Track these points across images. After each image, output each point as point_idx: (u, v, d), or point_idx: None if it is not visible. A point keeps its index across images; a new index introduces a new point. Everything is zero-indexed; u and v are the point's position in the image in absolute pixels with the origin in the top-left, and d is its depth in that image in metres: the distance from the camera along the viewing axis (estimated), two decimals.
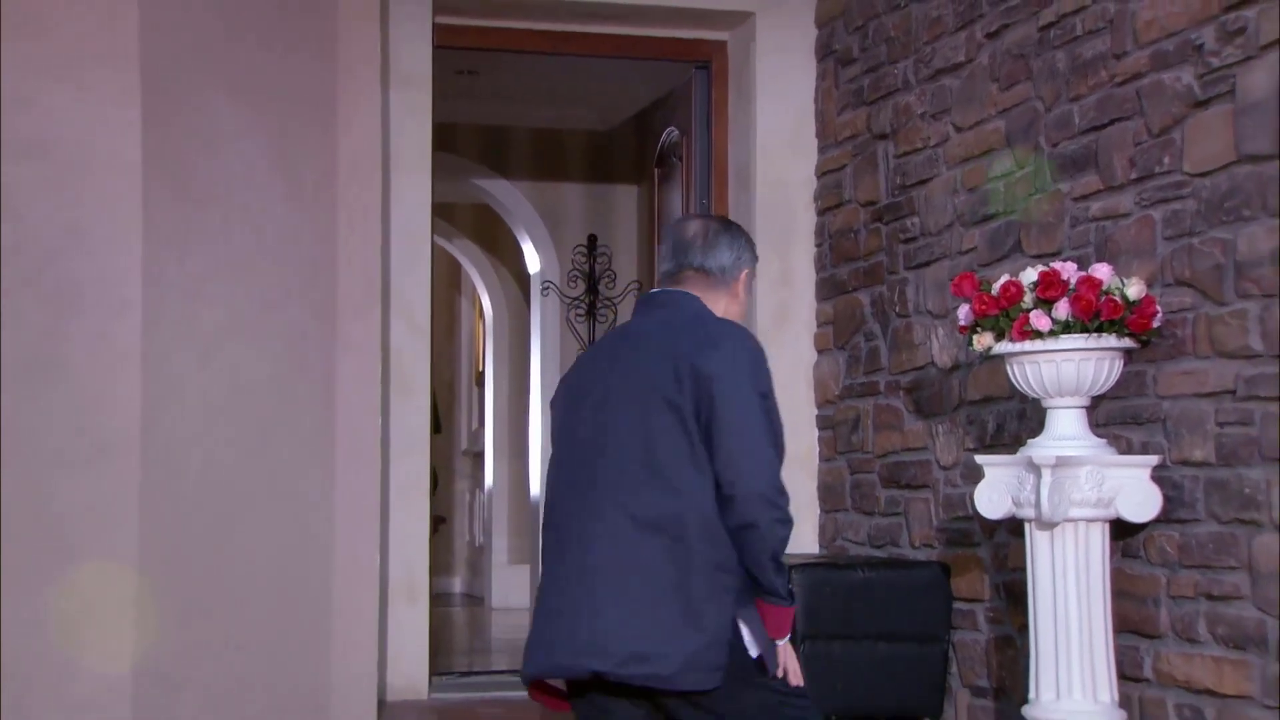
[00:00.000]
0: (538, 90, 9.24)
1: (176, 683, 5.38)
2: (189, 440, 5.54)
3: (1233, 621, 4.58)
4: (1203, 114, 4.72)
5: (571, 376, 3.84)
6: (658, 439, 3.54)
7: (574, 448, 3.66)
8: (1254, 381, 4.52)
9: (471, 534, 12.09)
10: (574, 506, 3.60)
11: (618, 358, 3.71)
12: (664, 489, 3.52)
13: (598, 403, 3.63)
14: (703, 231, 3.80)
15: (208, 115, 5.69)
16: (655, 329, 3.70)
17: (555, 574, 3.57)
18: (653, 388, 3.57)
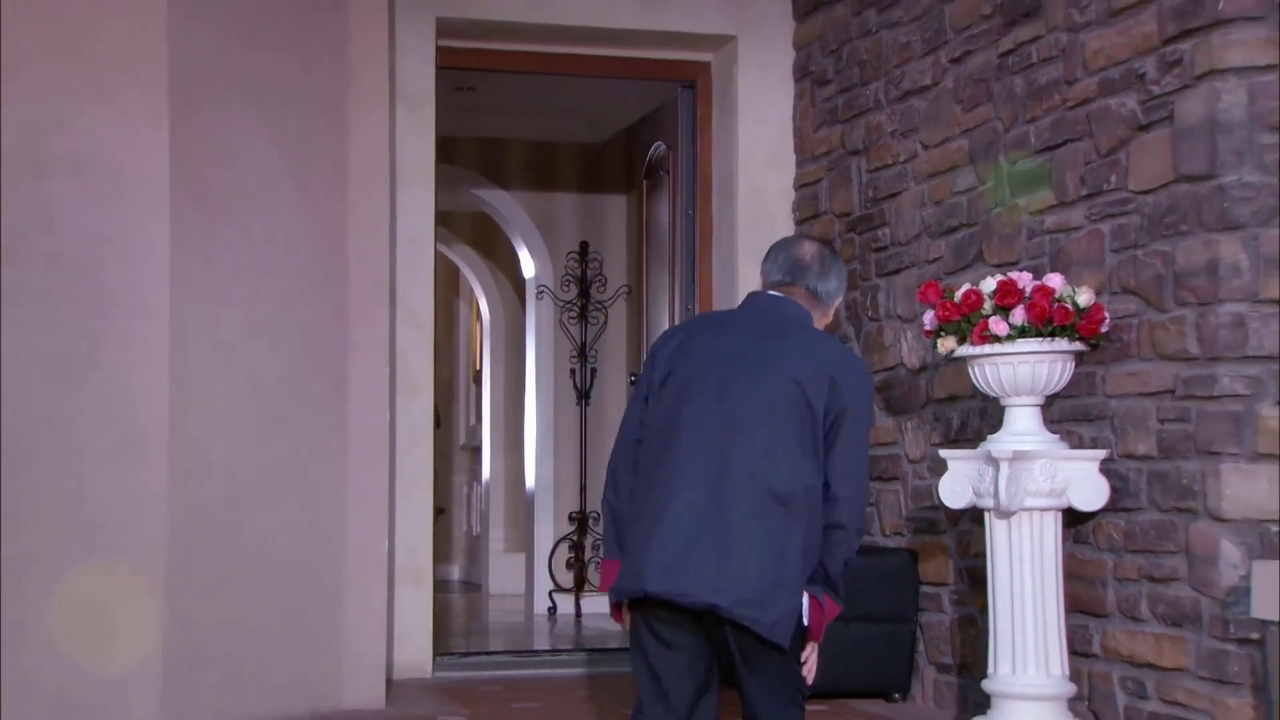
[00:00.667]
0: (533, 105, 9.18)
1: (200, 659, 5.48)
2: (212, 434, 5.64)
3: (1171, 601, 4.75)
4: (1145, 137, 4.89)
5: (699, 337, 3.99)
6: (793, 426, 3.77)
7: (703, 405, 3.82)
8: (1190, 382, 4.70)
9: (469, 524, 11.94)
10: (704, 460, 3.78)
11: (755, 339, 3.92)
12: (793, 470, 3.74)
13: (734, 372, 3.83)
14: (819, 257, 4.04)
15: (229, 133, 5.76)
16: (794, 330, 3.95)
17: (664, 509, 3.76)
18: (796, 381, 3.80)
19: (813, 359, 3.85)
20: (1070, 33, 5.24)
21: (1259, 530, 4.51)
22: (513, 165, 10.30)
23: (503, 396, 11.11)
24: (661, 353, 4.00)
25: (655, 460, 3.87)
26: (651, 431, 3.91)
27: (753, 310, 4.05)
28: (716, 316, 4.29)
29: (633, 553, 3.82)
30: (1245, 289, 4.57)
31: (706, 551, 3.72)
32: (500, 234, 10.74)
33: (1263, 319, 4.55)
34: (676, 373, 3.94)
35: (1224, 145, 4.58)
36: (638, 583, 3.72)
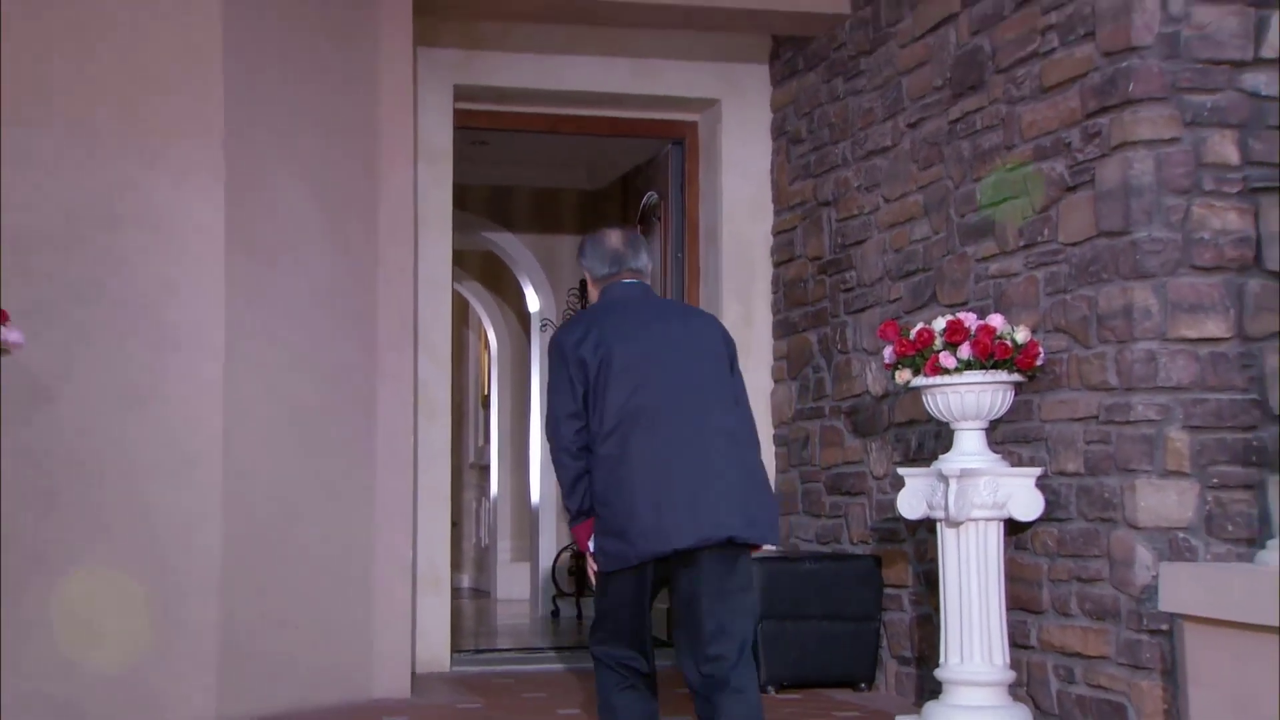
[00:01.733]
0: (538, 157, 9.30)
1: (250, 653, 5.63)
2: (259, 455, 5.77)
3: (1095, 599, 4.97)
4: (1072, 197, 5.12)
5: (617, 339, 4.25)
6: (722, 381, 4.30)
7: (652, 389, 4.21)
8: (1111, 409, 4.92)
9: (478, 536, 11.94)
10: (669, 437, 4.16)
11: (658, 322, 4.32)
12: (734, 415, 4.26)
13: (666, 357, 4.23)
14: (626, 239, 4.45)
15: (275, 191, 5.91)
16: (676, 309, 4.52)
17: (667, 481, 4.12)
18: (711, 347, 4.32)
19: (704, 326, 4.38)
20: (1008, 105, 5.45)
21: (1168, 536, 4.75)
22: (519, 210, 10.37)
23: (509, 419, 11.16)
24: (578, 349, 4.22)
25: (621, 449, 4.15)
26: (606, 426, 4.18)
27: (632, 300, 4.37)
28: (614, 314, 4.37)
29: (635, 524, 4.12)
30: (1155, 329, 4.79)
31: (709, 503, 4.12)
32: (507, 272, 10.81)
33: (1170, 355, 4.77)
34: (611, 367, 4.21)
35: (1136, 206, 4.81)
36: (666, 544, 4.07)
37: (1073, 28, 5.09)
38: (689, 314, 4.48)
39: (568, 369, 4.21)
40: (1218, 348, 4.81)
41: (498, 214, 10.29)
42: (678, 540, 4.06)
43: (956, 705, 5.12)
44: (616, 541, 4.14)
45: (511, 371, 11.23)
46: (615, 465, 4.16)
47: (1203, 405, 4.80)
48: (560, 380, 4.23)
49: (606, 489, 4.15)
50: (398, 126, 6.42)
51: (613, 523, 4.14)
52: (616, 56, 7.31)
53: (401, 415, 6.33)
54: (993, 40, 5.57)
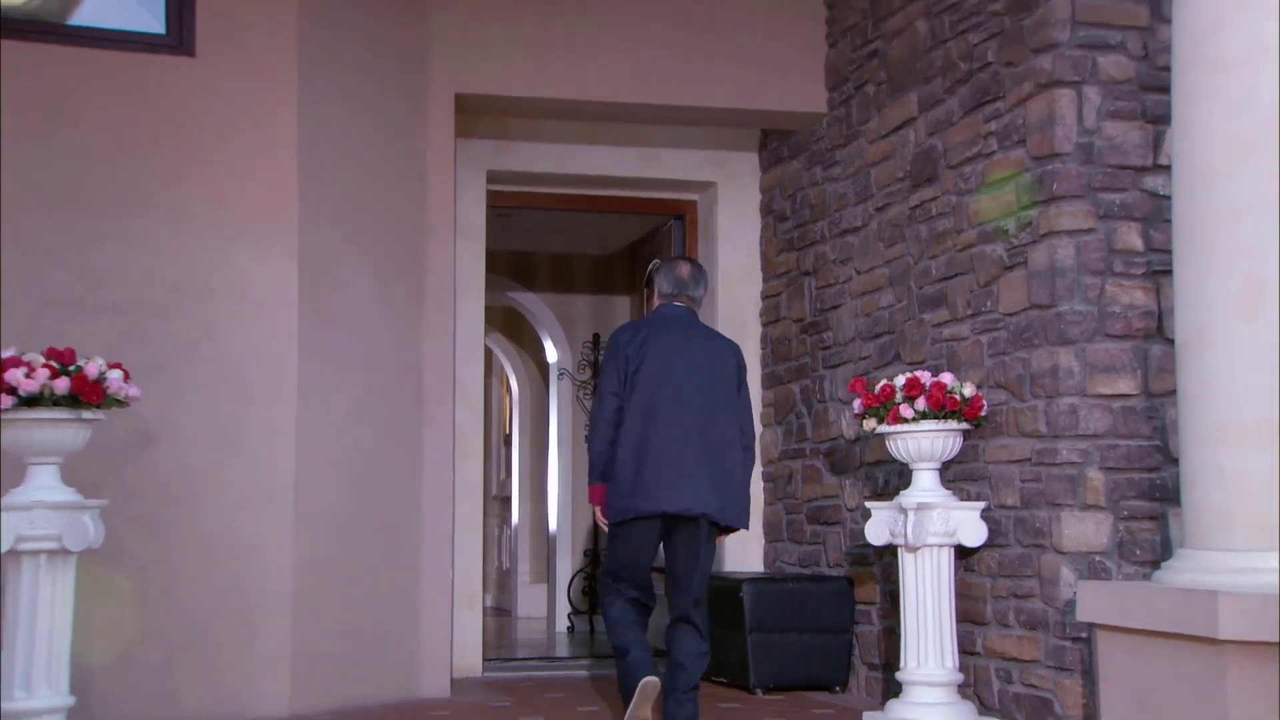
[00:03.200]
0: (556, 227, 9.44)
1: (317, 657, 5.82)
2: (325, 489, 5.96)
3: (1029, 612, 5.19)
4: (1009, 275, 5.36)
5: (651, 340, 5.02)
6: (725, 395, 5.00)
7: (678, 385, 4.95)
8: (1042, 453, 5.15)
9: (500, 560, 11.93)
10: (680, 420, 4.90)
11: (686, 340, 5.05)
12: (728, 423, 4.96)
13: (692, 365, 4.98)
14: (693, 275, 5.23)
15: (340, 267, 6.10)
16: (702, 329, 5.19)
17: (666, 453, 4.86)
18: (723, 366, 5.03)
19: (723, 349, 5.08)
20: (958, 196, 5.72)
21: (1087, 559, 5.00)
22: (539, 272, 10.51)
23: (529, 456, 11.22)
24: (629, 343, 5.01)
25: (642, 426, 4.91)
26: (634, 407, 4.93)
27: (677, 319, 5.13)
28: (661, 323, 5.12)
29: (638, 485, 4.85)
30: (1076, 387, 5.03)
31: (696, 482, 4.84)
32: (528, 326, 10.92)
33: (1089, 408, 5.01)
34: (650, 359, 4.96)
35: (1060, 284, 5.07)
36: (653, 505, 4.77)
37: (1008, 135, 5.38)
38: (713, 337, 5.16)
39: (616, 359, 5.00)
40: (1127, 402, 5.03)
41: (520, 276, 10.39)
42: (666, 505, 4.82)
43: (914, 703, 5.26)
44: (621, 499, 4.87)
45: (531, 414, 11.26)
46: (632, 441, 4.90)
47: (1115, 450, 5.01)
48: (610, 366, 5.01)
49: (623, 458, 4.89)
50: (441, 209, 6.58)
51: (622, 485, 4.88)
52: (627, 146, 7.44)
53: (443, 456, 6.50)
54: (944, 141, 5.83)
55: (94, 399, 4.59)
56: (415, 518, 6.44)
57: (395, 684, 6.26)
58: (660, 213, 7.96)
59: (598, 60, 6.73)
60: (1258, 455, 4.26)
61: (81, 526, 4.58)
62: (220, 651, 5.68)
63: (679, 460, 4.85)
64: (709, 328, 5.27)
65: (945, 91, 5.87)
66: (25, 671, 4.50)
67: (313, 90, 5.97)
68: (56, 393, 4.53)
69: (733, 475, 4.95)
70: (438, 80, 6.59)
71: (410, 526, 6.42)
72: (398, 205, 6.47)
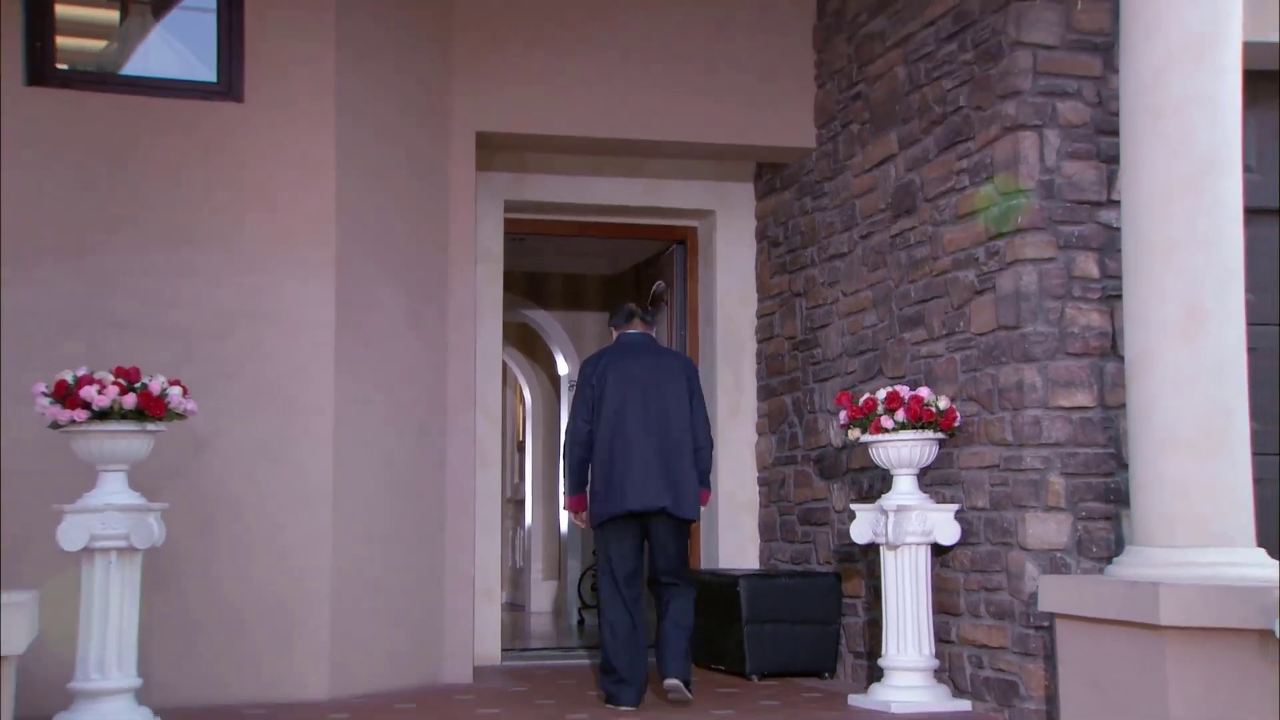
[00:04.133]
0: (567, 250, 9.52)
1: (354, 644, 5.93)
2: (359, 494, 6.08)
3: (998, 603, 5.36)
4: (980, 298, 5.53)
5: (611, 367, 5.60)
6: (681, 406, 5.52)
7: (635, 403, 5.50)
8: (1008, 460, 5.32)
9: (513, 559, 11.94)
10: (639, 433, 5.45)
11: (643, 364, 5.60)
12: (683, 430, 5.48)
13: (636, 385, 5.52)
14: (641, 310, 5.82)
15: (372, 291, 6.23)
16: (659, 351, 5.75)
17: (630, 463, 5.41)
18: (676, 382, 5.55)
19: (674, 365, 5.61)
20: (934, 226, 5.89)
21: (1049, 556, 5.16)
22: (551, 291, 10.61)
23: (540, 462, 11.33)
24: (592, 374, 5.59)
25: (610, 438, 5.47)
26: (603, 421, 5.50)
27: (637, 345, 5.70)
28: (619, 350, 5.74)
29: (610, 490, 5.39)
30: (1039, 400, 5.19)
31: (654, 483, 5.36)
32: (540, 341, 11.03)
33: (1051, 420, 5.18)
34: (610, 385, 5.54)
35: (1025, 308, 5.24)
36: (622, 505, 5.25)
37: (978, 172, 5.58)
38: (664, 355, 5.71)
39: (583, 388, 5.56)
40: (1085, 414, 5.19)
41: (534, 295, 10.46)
42: (632, 505, 5.36)
43: (894, 686, 5.47)
44: (599, 504, 5.43)
45: (543, 422, 11.35)
46: (602, 455, 5.46)
47: (1074, 457, 5.18)
48: (580, 392, 5.57)
49: (597, 469, 5.45)
50: (462, 236, 6.71)
51: (598, 492, 5.43)
52: (633, 177, 7.53)
53: (465, 464, 6.63)
54: (921, 176, 6.01)
55: (157, 413, 4.89)
56: (439, 520, 6.57)
57: (422, 671, 6.38)
58: (663, 238, 8.03)
59: (606, 100, 6.87)
60: (1196, 464, 4.53)
61: (147, 527, 4.88)
62: (266, 641, 5.82)
63: (642, 466, 5.45)
64: (662, 346, 5.87)
65: (922, 131, 6.05)
66: (99, 656, 4.80)
67: (348, 132, 6.14)
68: (125, 407, 4.83)
69: (686, 475, 5.54)
70: (460, 120, 6.74)
71: (435, 528, 6.55)
72: (424, 233, 6.60)
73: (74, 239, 5.79)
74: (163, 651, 5.63)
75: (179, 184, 5.91)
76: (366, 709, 5.62)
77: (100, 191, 5.83)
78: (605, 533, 5.53)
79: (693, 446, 5.56)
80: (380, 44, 6.39)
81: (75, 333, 5.68)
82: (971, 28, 5.67)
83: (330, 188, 6.01)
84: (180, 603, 5.74)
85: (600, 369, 5.58)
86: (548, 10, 6.91)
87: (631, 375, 5.55)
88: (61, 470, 5.22)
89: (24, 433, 5.43)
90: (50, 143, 5.77)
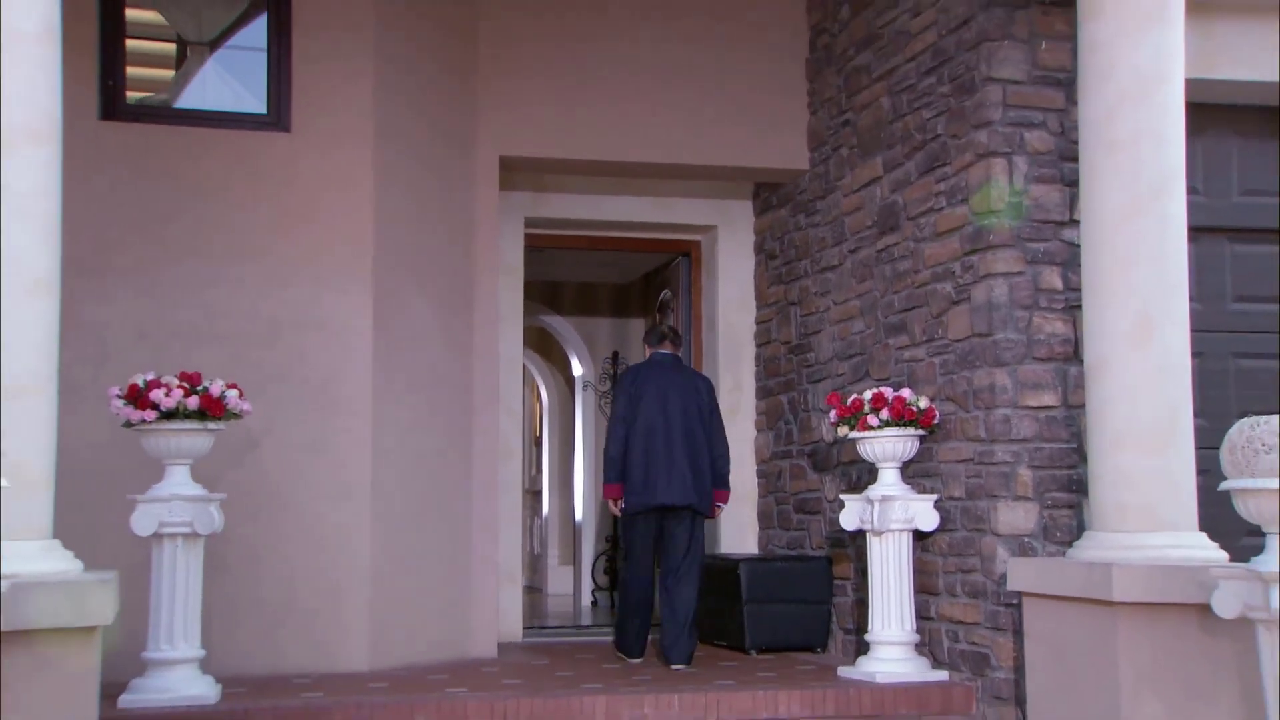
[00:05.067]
0: (581, 261, 9.61)
1: (390, 623, 6.09)
2: (395, 485, 6.22)
3: (972, 584, 5.50)
4: (956, 308, 5.67)
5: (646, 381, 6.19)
6: (700, 418, 6.03)
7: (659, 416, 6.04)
8: (981, 454, 5.44)
9: (531, 545, 11.92)
10: (662, 441, 5.97)
11: (671, 380, 6.14)
12: (701, 437, 6.00)
13: (668, 399, 6.05)
14: (674, 330, 6.27)
15: (405, 300, 6.37)
16: (683, 369, 6.27)
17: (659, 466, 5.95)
18: (696, 396, 6.07)
19: (697, 383, 6.11)
20: (915, 243, 6.02)
21: (1018, 541, 5.29)
22: (566, 298, 10.74)
23: (557, 455, 11.40)
24: (631, 387, 6.13)
25: (644, 441, 6.01)
26: (637, 429, 6.03)
27: (667, 363, 6.22)
28: (652, 370, 6.28)
29: (643, 485, 5.92)
30: (1009, 400, 5.32)
31: (679, 484, 5.85)
32: (557, 344, 11.13)
33: (1020, 418, 5.30)
34: (644, 397, 6.09)
35: (996, 317, 5.36)
36: (654, 499, 5.75)
37: (954, 194, 5.74)
38: (690, 375, 6.19)
39: (623, 395, 6.09)
40: (1051, 413, 5.31)
41: (551, 302, 10.57)
42: (663, 499, 5.87)
43: (879, 659, 5.61)
44: (631, 496, 5.93)
45: (559, 419, 11.41)
46: (637, 455, 5.98)
47: (1041, 451, 5.30)
48: (619, 401, 6.09)
49: (631, 467, 5.96)
50: (487, 250, 6.86)
51: (631, 486, 5.93)
52: (642, 196, 7.68)
53: (489, 457, 6.78)
54: (904, 197, 6.14)
55: (217, 413, 5.16)
56: (466, 509, 6.69)
57: (452, 645, 6.52)
58: (670, 251, 8.14)
59: (617, 127, 7.03)
60: (1145, 458, 4.73)
61: (208, 515, 5.15)
62: (313, 617, 5.99)
63: (668, 469, 5.99)
64: (688, 367, 6.36)
65: (904, 156, 6.21)
66: (168, 629, 5.09)
67: (384, 158, 6.30)
68: (188, 408, 5.10)
69: (704, 476, 6.08)
70: (485, 145, 6.89)
71: (462, 516, 6.67)
72: (452, 248, 6.74)
73: (141, 258, 6.00)
74: (221, 626, 5.83)
75: (233, 206, 6.09)
76: (403, 679, 5.77)
77: (163, 215, 6.04)
78: (634, 521, 6.11)
79: (710, 454, 6.13)
80: (413, 78, 6.56)
81: (143, 341, 5.91)
82: (948, 64, 5.85)
83: (368, 207, 6.17)
84: (236, 583, 5.92)
85: (638, 383, 6.20)
86: (564, 45, 7.08)
87: (663, 391, 6.15)
88: (131, 464, 5.47)
89: (99, 431, 5.66)
90: (120, 171, 6.00)
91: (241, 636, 5.92)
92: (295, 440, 6.05)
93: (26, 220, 3.82)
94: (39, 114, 3.85)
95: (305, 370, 6.10)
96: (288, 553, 6.00)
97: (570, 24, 7.05)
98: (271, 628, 5.96)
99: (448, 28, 6.80)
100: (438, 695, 5.23)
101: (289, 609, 5.98)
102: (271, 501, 5.99)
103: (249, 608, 5.94)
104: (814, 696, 5.34)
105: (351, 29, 6.23)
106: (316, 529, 6.05)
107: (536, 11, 7.02)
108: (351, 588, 6.05)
